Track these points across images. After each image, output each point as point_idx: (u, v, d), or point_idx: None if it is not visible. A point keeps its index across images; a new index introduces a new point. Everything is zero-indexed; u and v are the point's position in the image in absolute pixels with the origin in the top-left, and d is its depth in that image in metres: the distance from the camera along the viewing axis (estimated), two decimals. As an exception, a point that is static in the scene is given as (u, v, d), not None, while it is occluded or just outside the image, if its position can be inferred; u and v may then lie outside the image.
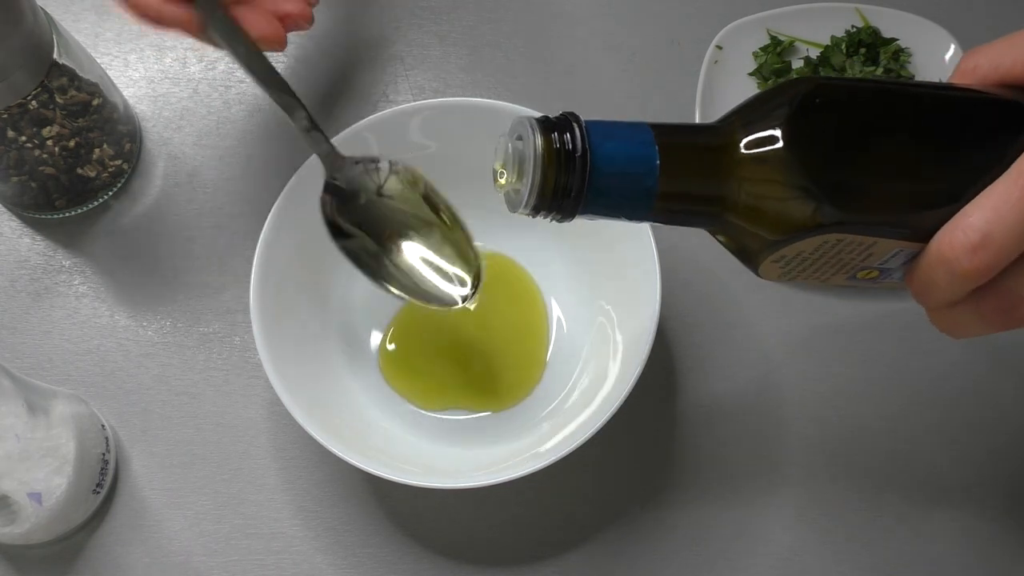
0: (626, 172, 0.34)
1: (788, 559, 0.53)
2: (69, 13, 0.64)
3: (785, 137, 0.34)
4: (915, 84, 0.38)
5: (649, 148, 0.34)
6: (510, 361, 0.56)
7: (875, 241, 0.35)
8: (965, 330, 0.36)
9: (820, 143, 0.35)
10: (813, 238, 0.35)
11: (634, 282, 0.51)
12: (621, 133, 0.35)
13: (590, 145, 0.34)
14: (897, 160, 0.35)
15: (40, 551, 0.53)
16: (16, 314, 0.58)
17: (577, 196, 0.34)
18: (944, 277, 0.34)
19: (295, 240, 0.53)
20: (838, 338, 0.57)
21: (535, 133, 0.34)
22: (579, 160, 0.34)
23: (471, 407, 0.55)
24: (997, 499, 0.54)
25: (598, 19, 0.65)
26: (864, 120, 0.35)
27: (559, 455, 0.47)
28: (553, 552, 0.53)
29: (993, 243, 0.33)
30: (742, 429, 0.55)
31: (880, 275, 0.37)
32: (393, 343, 0.57)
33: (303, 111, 0.49)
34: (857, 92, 0.36)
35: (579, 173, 0.34)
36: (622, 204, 0.35)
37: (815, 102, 0.35)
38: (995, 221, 0.32)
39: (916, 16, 0.62)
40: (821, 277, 0.38)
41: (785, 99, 0.35)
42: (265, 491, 0.54)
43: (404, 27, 0.65)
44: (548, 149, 0.34)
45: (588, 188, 0.34)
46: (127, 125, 0.60)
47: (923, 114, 0.36)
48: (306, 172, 0.53)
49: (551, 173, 0.34)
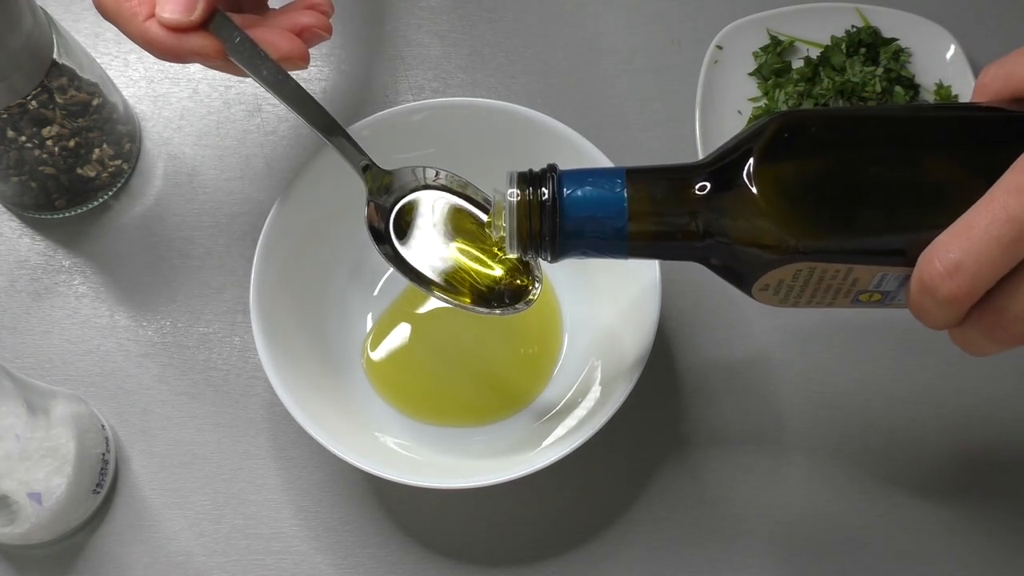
0: (595, 216, 0.38)
1: (788, 559, 0.53)
2: (69, 13, 0.64)
3: (742, 174, 0.36)
4: (888, 110, 0.41)
5: (617, 193, 0.38)
6: (512, 371, 0.56)
7: (850, 268, 0.36)
8: (978, 348, 0.36)
9: (776, 177, 0.36)
10: (784, 268, 0.36)
11: (634, 282, 0.51)
12: (592, 181, 0.38)
13: (558, 194, 0.38)
14: (851, 191, 0.36)
15: (40, 551, 0.53)
16: (16, 314, 0.58)
17: (551, 239, 0.38)
18: (930, 302, 0.35)
19: (295, 240, 0.53)
20: (838, 338, 0.57)
21: (510, 186, 0.39)
22: (548, 208, 0.38)
23: (466, 424, 0.55)
24: (996, 498, 0.54)
25: (598, 19, 0.65)
26: (819, 154, 0.37)
27: (559, 455, 0.47)
28: (553, 552, 0.53)
29: (967, 270, 0.33)
30: (742, 429, 0.55)
31: (883, 298, 0.38)
32: (380, 352, 0.56)
33: (339, 130, 0.48)
34: (822, 126, 0.37)
35: (549, 219, 0.38)
36: (598, 244, 0.38)
37: (780, 137, 0.37)
38: (967, 249, 0.33)
39: (916, 16, 0.62)
40: (822, 302, 0.38)
41: (751, 138, 0.37)
42: (265, 491, 0.54)
43: (404, 27, 0.65)
44: (521, 199, 0.38)
45: (560, 232, 0.38)
46: (127, 125, 0.60)
47: (880, 144, 0.37)
48: (307, 172, 0.53)
49: (523, 220, 0.38)
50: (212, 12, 0.46)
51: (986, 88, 0.37)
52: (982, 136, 0.36)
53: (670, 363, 0.57)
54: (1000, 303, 0.34)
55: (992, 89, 0.37)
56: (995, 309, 0.34)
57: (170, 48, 0.47)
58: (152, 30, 0.46)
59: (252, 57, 0.47)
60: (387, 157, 0.48)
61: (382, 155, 0.48)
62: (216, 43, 0.46)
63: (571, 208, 0.38)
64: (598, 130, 0.55)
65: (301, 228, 0.53)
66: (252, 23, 0.48)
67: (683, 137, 0.61)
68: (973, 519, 0.54)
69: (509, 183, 0.39)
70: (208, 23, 0.46)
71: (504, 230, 0.39)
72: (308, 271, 0.54)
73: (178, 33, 0.46)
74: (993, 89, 0.37)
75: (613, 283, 0.53)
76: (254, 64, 0.47)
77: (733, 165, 0.37)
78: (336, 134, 0.48)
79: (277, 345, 0.50)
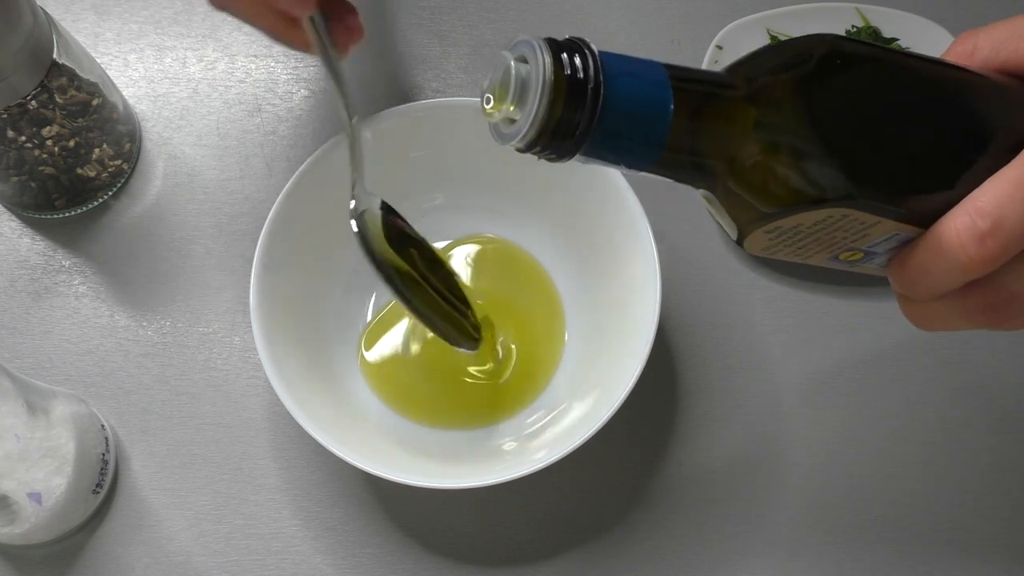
0: (638, 114, 0.31)
1: (788, 559, 0.53)
2: (69, 13, 0.64)
3: (806, 99, 0.32)
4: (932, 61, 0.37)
5: (664, 90, 0.31)
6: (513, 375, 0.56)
7: (879, 221, 0.33)
8: (942, 324, 0.35)
9: (842, 110, 0.32)
10: (818, 211, 0.32)
11: (633, 282, 0.51)
12: (636, 70, 0.31)
13: (604, 78, 0.30)
14: (918, 138, 0.33)
15: (40, 551, 0.53)
16: (16, 314, 0.58)
17: (583, 134, 0.31)
18: (941, 265, 0.32)
19: (295, 240, 0.53)
20: (838, 337, 0.57)
21: (544, 54, 0.30)
22: (591, 93, 0.30)
23: (464, 427, 0.55)
24: (1000, 498, 0.54)
25: (598, 19, 0.65)
26: (885, 92, 0.33)
27: (558, 455, 0.47)
28: (553, 552, 0.53)
29: (1003, 231, 0.31)
30: (742, 429, 0.55)
31: (864, 257, 0.35)
32: (374, 351, 0.56)
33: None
34: (878, 60, 0.34)
35: (589, 108, 0.30)
36: (628, 148, 0.32)
37: (835, 63, 0.32)
38: (1008, 206, 0.31)
39: (916, 16, 0.62)
40: (804, 254, 0.35)
41: (802, 57, 0.33)
42: (265, 491, 0.54)
43: (404, 27, 0.65)
44: (558, 75, 0.30)
45: (596, 126, 0.31)
46: (127, 125, 0.60)
47: (943, 92, 0.34)
48: (306, 172, 0.53)
49: (559, 104, 0.30)
50: None
51: (967, 57, 0.35)
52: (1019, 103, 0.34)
53: (670, 363, 0.57)
54: (1003, 279, 0.32)
55: (978, 58, 0.35)
56: (993, 286, 0.32)
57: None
58: None
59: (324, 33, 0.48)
60: (387, 157, 0.48)
61: (382, 155, 0.49)
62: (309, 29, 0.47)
63: (616, 100, 0.30)
64: (598, 130, 0.55)
65: (301, 228, 0.53)
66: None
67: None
68: (976, 518, 0.54)
69: (536, 51, 0.30)
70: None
71: (513, 111, 0.32)
72: (308, 271, 0.54)
73: None
74: (979, 59, 0.35)
75: (613, 283, 0.53)
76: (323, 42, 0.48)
77: (789, 86, 0.32)
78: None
79: (277, 345, 0.50)
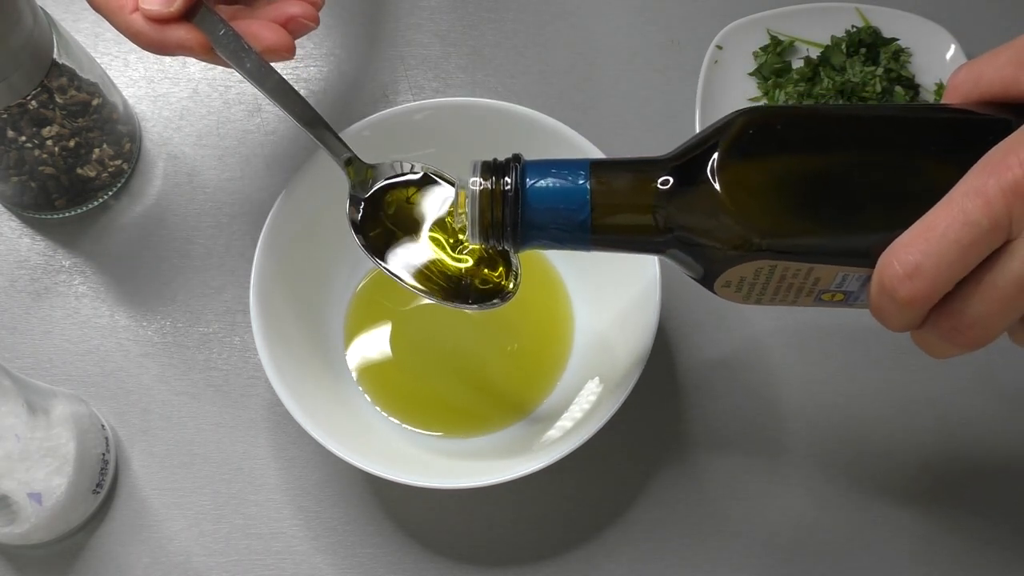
0: (557, 207, 0.38)
1: (788, 559, 0.53)
2: (69, 13, 0.64)
3: (706, 169, 0.36)
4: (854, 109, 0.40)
5: (580, 185, 0.37)
6: (515, 378, 0.55)
7: (811, 267, 0.36)
8: (939, 351, 0.36)
9: (739, 174, 0.36)
10: (746, 264, 0.36)
11: (634, 283, 0.51)
12: (556, 172, 0.38)
13: (521, 184, 0.38)
14: (813, 189, 0.36)
15: (40, 551, 0.53)
16: (16, 314, 0.58)
17: (513, 230, 0.38)
18: (890, 304, 0.34)
19: (295, 240, 0.53)
20: (838, 337, 0.57)
21: (473, 175, 0.39)
22: (511, 198, 0.38)
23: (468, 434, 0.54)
24: (995, 502, 0.54)
25: (598, 19, 0.65)
26: (782, 151, 0.36)
27: (559, 455, 0.47)
28: (553, 552, 0.53)
29: (926, 273, 0.33)
30: (742, 429, 0.55)
31: (846, 298, 0.37)
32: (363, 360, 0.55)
33: (322, 124, 0.48)
34: (787, 123, 0.37)
35: (511, 209, 0.38)
36: (560, 236, 0.38)
37: (744, 134, 0.36)
38: (926, 251, 0.33)
39: (916, 16, 0.62)
40: (784, 300, 0.38)
41: (716, 133, 0.37)
42: (265, 491, 0.54)
43: (404, 27, 0.65)
44: (484, 188, 0.38)
45: (521, 222, 0.38)
46: (127, 125, 0.60)
47: (844, 144, 0.36)
48: (306, 172, 0.53)
49: (486, 209, 0.38)
50: (195, 4, 0.47)
51: (956, 90, 0.37)
52: (946, 138, 0.36)
53: (670, 363, 0.57)
54: (957, 306, 0.34)
55: (962, 91, 0.37)
56: (952, 312, 0.34)
57: (154, 40, 0.47)
58: (137, 22, 0.47)
59: (236, 50, 0.47)
60: (387, 157, 0.48)
61: (382, 155, 0.48)
62: (200, 36, 0.47)
63: (533, 199, 0.38)
64: (598, 130, 0.55)
65: (301, 228, 0.53)
66: (239, 14, 0.49)
67: (683, 137, 0.59)
68: (973, 521, 0.54)
69: (472, 172, 0.39)
70: (192, 16, 0.47)
71: (467, 218, 0.39)
72: (308, 271, 0.54)
73: (161, 25, 0.47)
74: (963, 91, 0.37)
75: (613, 283, 0.53)
76: (238, 57, 0.47)
77: (697, 160, 0.37)
78: (319, 127, 0.47)
79: (277, 345, 0.50)
